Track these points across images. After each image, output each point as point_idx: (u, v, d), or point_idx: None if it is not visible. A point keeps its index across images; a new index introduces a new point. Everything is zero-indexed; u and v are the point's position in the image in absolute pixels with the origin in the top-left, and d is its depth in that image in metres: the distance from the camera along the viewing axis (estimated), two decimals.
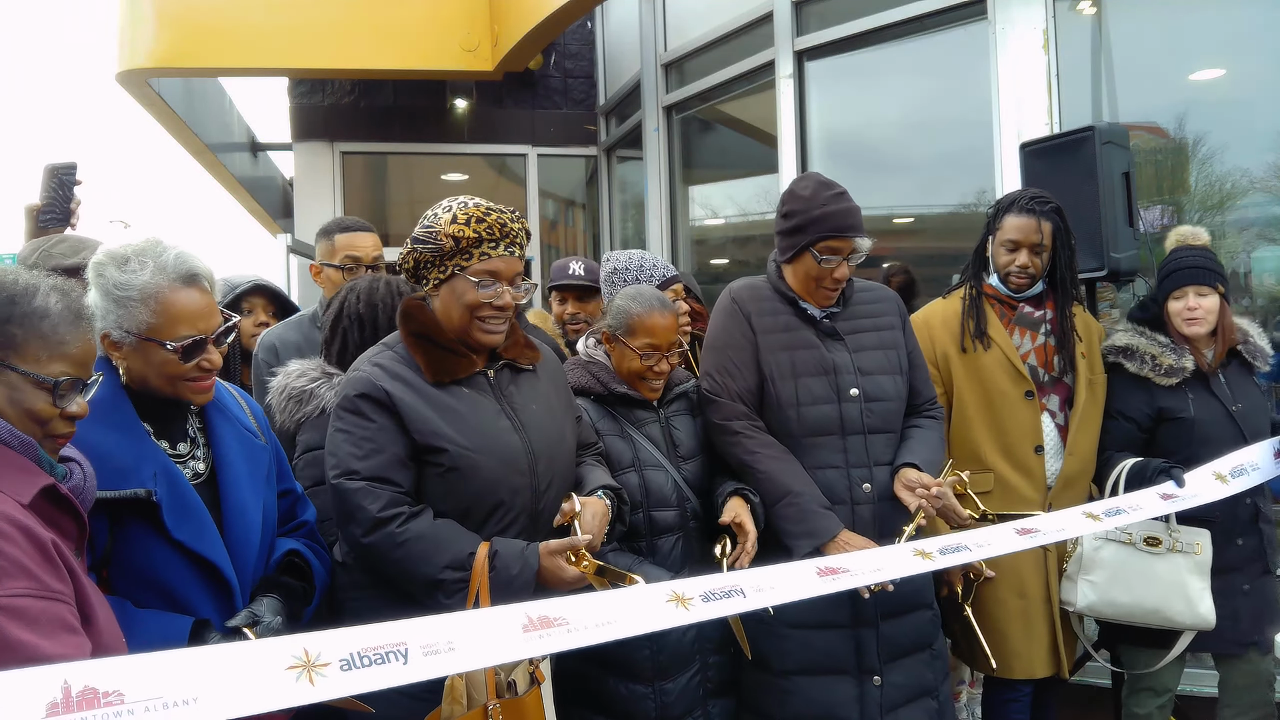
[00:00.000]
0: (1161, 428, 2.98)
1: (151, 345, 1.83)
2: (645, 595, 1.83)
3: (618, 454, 2.48)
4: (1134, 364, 3.00)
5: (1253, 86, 4.24)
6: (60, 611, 1.35)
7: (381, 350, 2.17)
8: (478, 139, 8.11)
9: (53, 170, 2.53)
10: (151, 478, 1.78)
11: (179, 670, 1.27)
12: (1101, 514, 2.54)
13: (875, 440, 2.54)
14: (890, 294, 2.78)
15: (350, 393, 2.07)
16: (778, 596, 1.97)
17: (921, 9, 4.86)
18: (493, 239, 2.09)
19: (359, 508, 1.97)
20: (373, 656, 1.44)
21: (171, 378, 1.85)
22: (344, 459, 2.02)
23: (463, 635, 1.59)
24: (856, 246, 2.54)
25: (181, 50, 6.85)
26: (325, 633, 1.46)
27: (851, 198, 2.59)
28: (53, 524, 1.48)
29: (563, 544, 2.01)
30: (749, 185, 6.65)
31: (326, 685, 1.36)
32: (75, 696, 1.17)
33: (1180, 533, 2.84)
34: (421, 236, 2.11)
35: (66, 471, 1.57)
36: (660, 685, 2.40)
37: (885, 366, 2.59)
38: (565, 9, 6.02)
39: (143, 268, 1.82)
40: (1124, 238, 3.29)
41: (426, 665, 1.50)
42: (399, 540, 1.95)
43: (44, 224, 2.52)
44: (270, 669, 1.33)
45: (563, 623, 1.67)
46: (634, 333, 2.52)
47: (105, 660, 1.27)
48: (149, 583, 1.79)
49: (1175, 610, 2.83)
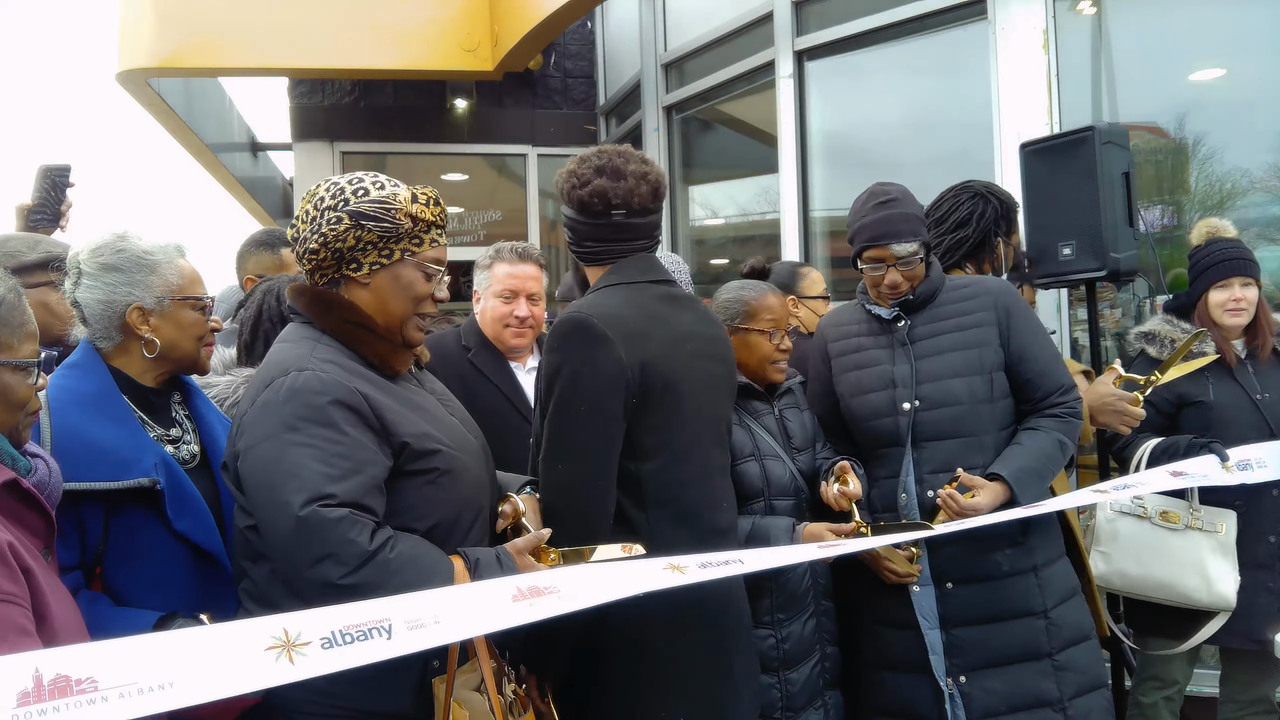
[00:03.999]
0: (1182, 412, 3.06)
1: (184, 305, 1.92)
2: (640, 565, 1.84)
3: (739, 443, 2.50)
4: (1154, 348, 3.09)
5: (1253, 86, 4.23)
6: (8, 613, 1.32)
7: (315, 346, 1.79)
8: (477, 139, 8.10)
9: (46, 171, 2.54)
10: (154, 467, 1.80)
11: (154, 655, 1.24)
12: (1110, 489, 2.64)
13: (938, 448, 2.47)
14: (993, 288, 2.59)
15: (315, 398, 1.68)
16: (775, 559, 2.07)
17: (921, 9, 4.86)
18: (440, 225, 1.88)
19: (346, 541, 1.59)
20: (355, 634, 1.40)
21: (198, 339, 1.96)
22: (313, 481, 1.62)
23: (449, 608, 1.54)
24: (896, 254, 2.52)
25: (181, 50, 6.84)
26: (305, 612, 1.42)
27: (902, 203, 2.55)
28: (16, 519, 1.47)
29: (528, 541, 1.83)
30: (749, 185, 6.65)
31: (307, 664, 1.33)
32: (47, 685, 1.14)
33: (1202, 511, 2.87)
34: (371, 213, 1.78)
35: (30, 466, 1.56)
36: (785, 675, 2.43)
37: (958, 369, 2.49)
38: (565, 9, 6.02)
39: (142, 240, 1.92)
40: (1124, 238, 3.29)
41: (412, 639, 1.45)
42: (393, 569, 1.62)
43: (34, 224, 2.54)
44: (248, 650, 1.31)
45: (553, 590, 1.65)
46: (755, 316, 2.60)
47: (78, 646, 1.24)
48: (146, 575, 1.79)
49: (1190, 586, 2.85)
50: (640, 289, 2.13)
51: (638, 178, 2.12)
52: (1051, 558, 2.49)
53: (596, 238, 2.16)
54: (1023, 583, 2.42)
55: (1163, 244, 4.41)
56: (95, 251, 1.90)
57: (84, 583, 1.78)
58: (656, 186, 2.15)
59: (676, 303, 2.19)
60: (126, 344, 1.92)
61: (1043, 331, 2.59)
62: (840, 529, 2.40)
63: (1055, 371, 2.53)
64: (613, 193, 2.11)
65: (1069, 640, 2.43)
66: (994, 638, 2.41)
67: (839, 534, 2.39)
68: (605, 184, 2.11)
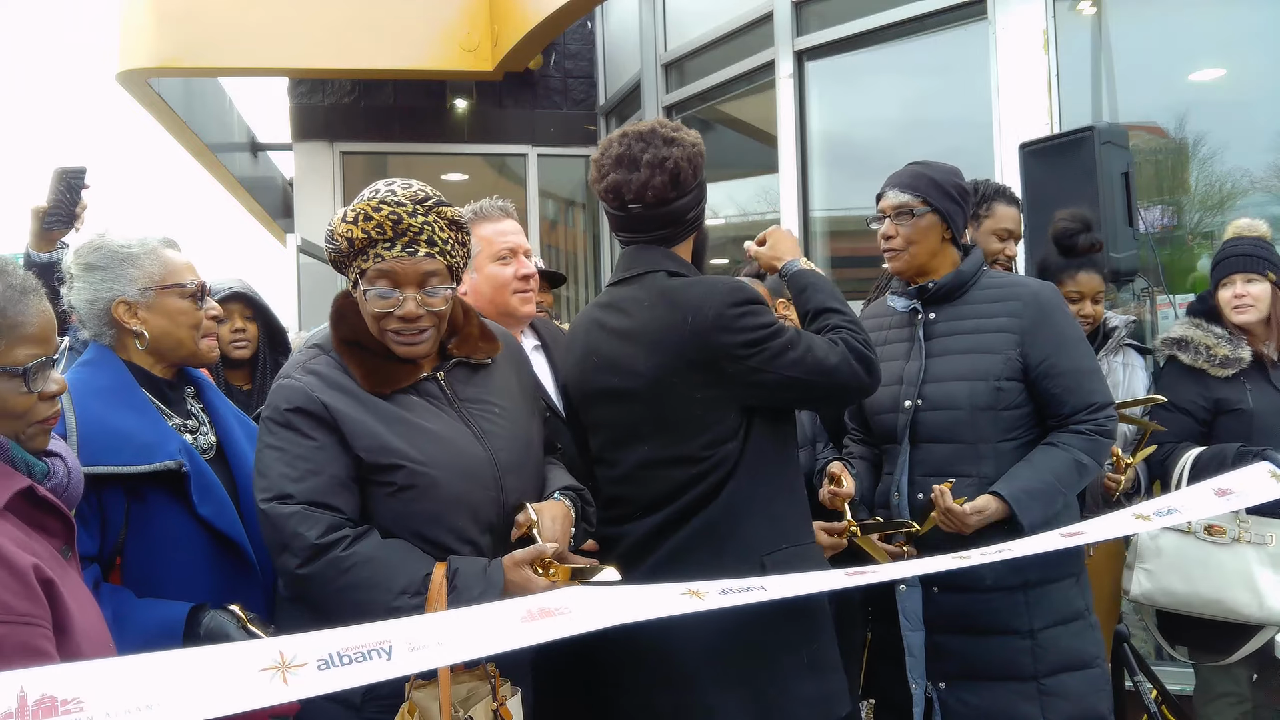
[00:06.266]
0: (1220, 420, 2.95)
1: (169, 293, 1.90)
2: (657, 590, 1.78)
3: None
4: (1188, 355, 2.99)
5: (1253, 86, 4.23)
6: (25, 636, 1.28)
7: (315, 355, 1.87)
8: (478, 139, 8.10)
9: (62, 173, 2.55)
10: (178, 450, 1.82)
11: (144, 675, 1.22)
12: (1152, 514, 2.35)
13: (932, 450, 2.39)
14: (1026, 294, 2.41)
15: (282, 405, 1.79)
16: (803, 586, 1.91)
17: (921, 9, 4.86)
18: (385, 238, 1.76)
19: (294, 535, 1.70)
20: (353, 655, 1.37)
21: (193, 327, 1.93)
22: (276, 481, 1.74)
23: (452, 630, 1.50)
24: (887, 202, 2.47)
25: (181, 50, 6.84)
26: (304, 635, 1.40)
27: (929, 166, 2.49)
28: (36, 525, 1.44)
29: (528, 553, 1.76)
30: (749, 185, 6.65)
31: (300, 684, 1.30)
32: (32, 705, 1.11)
33: (1249, 523, 2.77)
34: (327, 234, 1.83)
35: (48, 468, 1.52)
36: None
37: (964, 372, 2.37)
38: (565, 9, 6.02)
39: (121, 236, 1.91)
40: (1124, 238, 3.29)
41: (413, 660, 1.42)
42: (345, 566, 1.69)
43: (49, 226, 2.55)
44: (243, 672, 1.28)
45: (564, 611, 1.60)
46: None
47: (64, 666, 1.22)
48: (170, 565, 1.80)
49: (1240, 602, 2.77)
50: (607, 292, 2.17)
51: (653, 166, 2.07)
52: (1049, 578, 2.33)
53: (620, 228, 2.18)
54: (1007, 599, 2.30)
55: (1162, 244, 4.41)
56: (78, 254, 1.93)
57: (102, 575, 1.78)
58: (675, 173, 2.08)
59: (611, 311, 2.16)
60: (123, 340, 1.92)
61: (1075, 344, 2.41)
62: (833, 528, 2.39)
63: (1084, 387, 2.35)
64: (625, 186, 2.09)
65: (1059, 665, 2.30)
66: (972, 650, 2.32)
67: (831, 533, 2.38)
68: (620, 177, 2.10)
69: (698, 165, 2.14)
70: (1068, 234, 3.13)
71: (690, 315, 2.02)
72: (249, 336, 3.28)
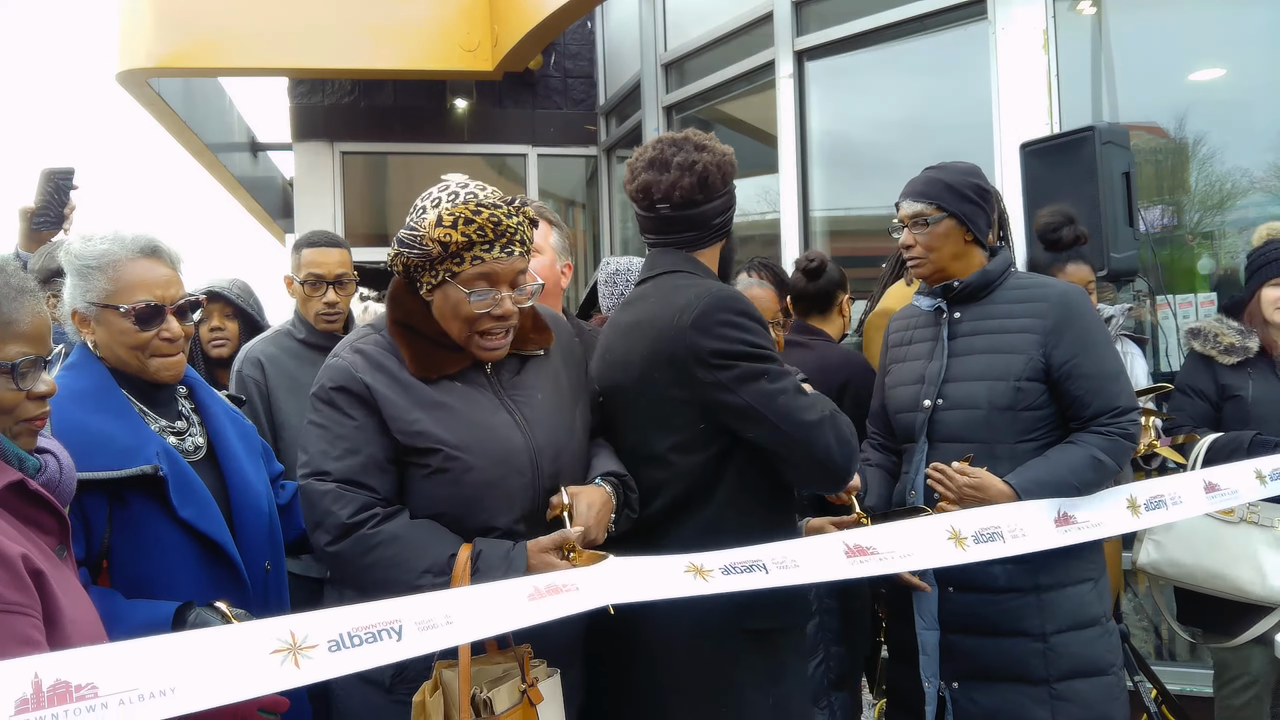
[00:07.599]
0: (1225, 405, 3.09)
1: (109, 312, 1.84)
2: (661, 566, 1.78)
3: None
4: (1199, 342, 3.15)
5: (1253, 86, 4.24)
6: (14, 624, 1.28)
7: (367, 333, 1.94)
8: (478, 139, 8.10)
9: (50, 174, 2.54)
10: (156, 455, 1.81)
11: (156, 659, 1.22)
12: (1142, 507, 2.37)
13: (950, 449, 2.37)
14: (1053, 295, 2.40)
15: (327, 383, 1.86)
16: (801, 575, 1.89)
17: (921, 9, 4.86)
18: (485, 240, 1.82)
19: (327, 512, 1.78)
20: (364, 635, 1.38)
21: (135, 349, 1.86)
22: (316, 457, 1.83)
23: (461, 608, 1.50)
24: (903, 212, 2.49)
25: (181, 50, 6.85)
26: (314, 614, 1.39)
27: (945, 170, 2.50)
28: (27, 520, 1.44)
29: (553, 539, 1.79)
30: (749, 185, 6.64)
31: (313, 667, 1.30)
32: (46, 691, 1.12)
33: (1259, 507, 2.86)
34: (406, 240, 1.85)
35: (40, 464, 1.52)
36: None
37: (984, 372, 2.37)
38: (565, 9, 6.02)
39: (103, 241, 1.87)
40: (1124, 238, 3.30)
41: (423, 640, 1.43)
42: (372, 544, 1.76)
43: (37, 227, 2.54)
44: (254, 654, 1.28)
45: (571, 588, 1.62)
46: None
47: (78, 651, 1.22)
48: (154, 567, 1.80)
49: (1244, 579, 2.85)
50: (630, 292, 2.23)
51: (682, 168, 2.10)
52: (1063, 581, 2.32)
53: (648, 230, 2.21)
54: (1019, 600, 2.30)
55: (1162, 244, 4.42)
56: (64, 249, 1.93)
57: (91, 579, 1.78)
58: (704, 176, 2.11)
59: (626, 307, 2.23)
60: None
61: (1101, 347, 2.39)
62: (842, 521, 2.37)
63: (1108, 391, 2.33)
64: (655, 186, 2.13)
65: (1072, 671, 2.28)
66: (984, 651, 2.33)
67: (840, 526, 2.34)
68: (651, 177, 2.14)
69: (727, 173, 2.16)
70: (1052, 228, 3.20)
71: (680, 311, 2.04)
72: (228, 335, 3.32)
